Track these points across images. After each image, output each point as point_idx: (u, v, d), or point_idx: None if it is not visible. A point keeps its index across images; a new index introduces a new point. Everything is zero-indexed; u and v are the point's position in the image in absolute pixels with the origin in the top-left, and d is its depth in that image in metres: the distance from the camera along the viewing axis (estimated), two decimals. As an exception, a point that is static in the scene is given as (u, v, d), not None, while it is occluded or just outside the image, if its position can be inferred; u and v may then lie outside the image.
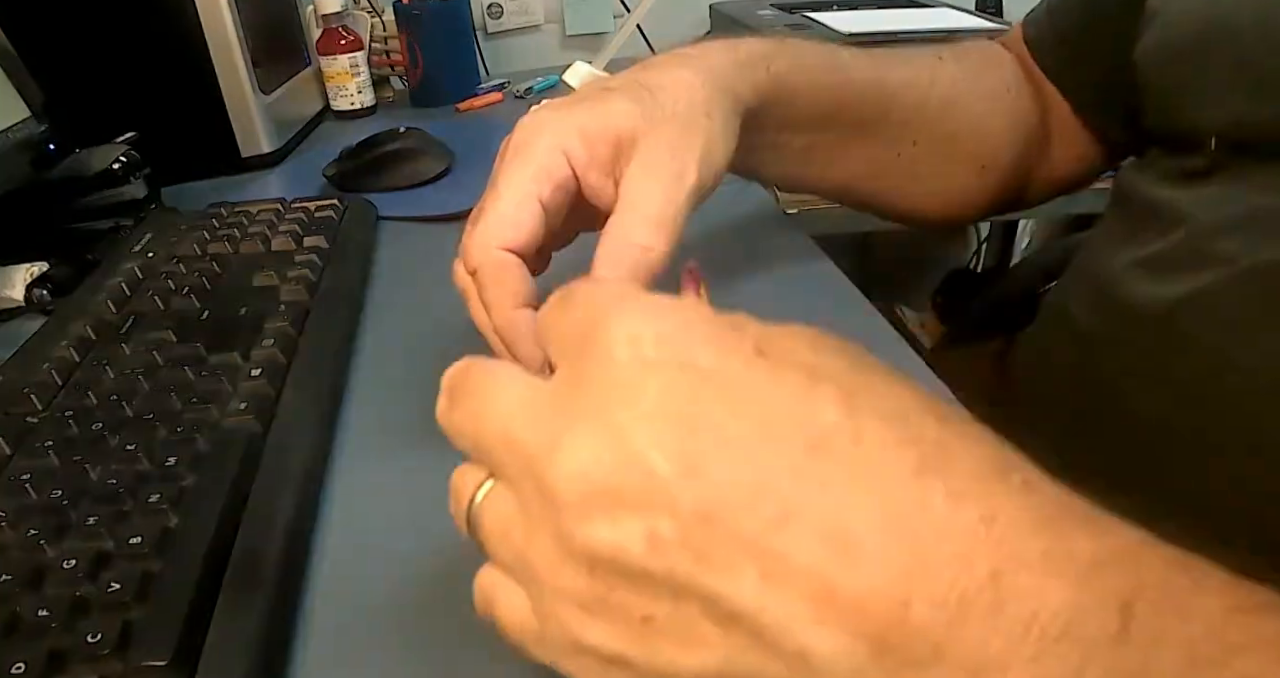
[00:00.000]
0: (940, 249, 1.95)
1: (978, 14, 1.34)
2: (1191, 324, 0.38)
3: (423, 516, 0.34)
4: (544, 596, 0.19)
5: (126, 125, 0.66)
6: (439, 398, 0.23)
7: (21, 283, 0.54)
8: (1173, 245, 0.40)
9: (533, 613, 0.20)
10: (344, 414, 0.41)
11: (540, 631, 0.20)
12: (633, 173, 0.33)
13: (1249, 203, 0.37)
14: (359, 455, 0.38)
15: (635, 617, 0.18)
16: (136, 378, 0.39)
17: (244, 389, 0.38)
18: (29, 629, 0.26)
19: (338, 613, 0.30)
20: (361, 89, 0.96)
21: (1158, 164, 0.44)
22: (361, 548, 0.33)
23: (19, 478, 0.33)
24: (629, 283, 0.31)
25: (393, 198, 0.68)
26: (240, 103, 0.76)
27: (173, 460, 0.33)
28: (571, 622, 0.19)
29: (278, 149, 0.80)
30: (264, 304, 0.46)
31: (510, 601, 0.21)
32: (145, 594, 0.27)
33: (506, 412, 0.20)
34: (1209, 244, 0.38)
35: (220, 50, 0.74)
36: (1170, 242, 0.40)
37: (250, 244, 0.54)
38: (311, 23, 0.98)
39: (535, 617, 0.20)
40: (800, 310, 0.49)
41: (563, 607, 0.19)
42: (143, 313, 0.46)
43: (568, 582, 0.19)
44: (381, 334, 0.48)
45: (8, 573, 0.28)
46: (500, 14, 1.40)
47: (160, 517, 0.30)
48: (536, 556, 0.19)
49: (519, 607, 0.21)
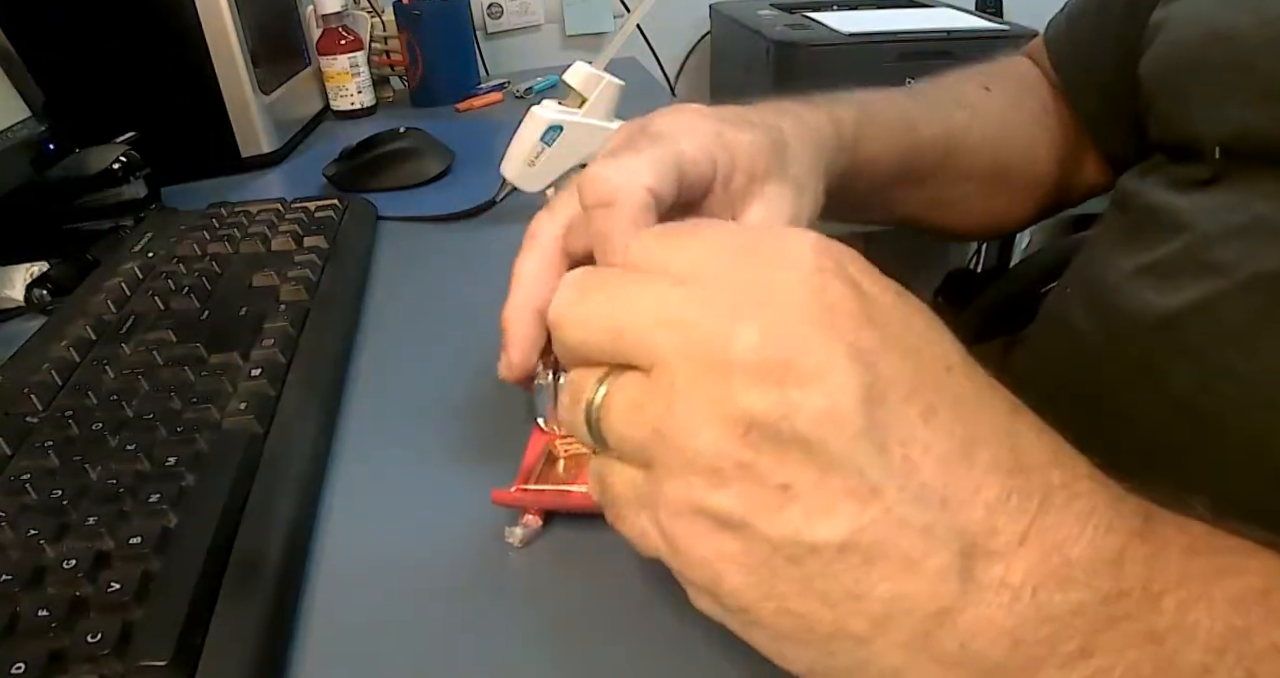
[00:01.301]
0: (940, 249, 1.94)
1: (978, 14, 1.34)
2: (1192, 333, 0.38)
3: (422, 515, 0.34)
4: (671, 464, 0.20)
5: (126, 125, 0.67)
6: (559, 293, 0.23)
7: (21, 283, 0.54)
8: (1174, 253, 0.39)
9: (646, 480, 0.21)
10: (344, 414, 0.41)
11: (652, 494, 0.21)
12: (757, 210, 0.33)
13: (1252, 211, 0.37)
14: (359, 456, 0.38)
15: (773, 483, 0.19)
16: (136, 378, 0.39)
17: (244, 389, 0.38)
18: (29, 629, 0.26)
19: (337, 613, 0.30)
20: (361, 89, 0.96)
21: (1160, 170, 0.44)
22: (361, 548, 0.33)
23: (19, 478, 0.33)
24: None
25: (393, 198, 0.68)
26: (240, 103, 0.76)
27: (173, 460, 0.33)
28: (697, 485, 0.20)
29: (278, 149, 0.80)
30: (264, 304, 0.46)
31: (624, 474, 0.22)
32: (145, 594, 0.27)
33: (659, 297, 0.21)
34: (1210, 253, 0.38)
35: (220, 50, 0.74)
36: (1171, 249, 0.40)
37: (250, 244, 0.54)
38: (311, 23, 0.98)
39: (649, 484, 0.21)
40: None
41: (691, 472, 0.20)
42: (143, 313, 0.46)
43: (708, 443, 0.20)
44: (381, 334, 0.48)
45: (8, 573, 0.28)
46: (500, 14, 1.40)
47: (160, 517, 0.30)
48: (675, 423, 0.20)
49: (632, 478, 0.22)
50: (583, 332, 0.22)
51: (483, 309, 0.48)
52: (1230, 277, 0.36)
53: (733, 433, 0.19)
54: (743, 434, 0.19)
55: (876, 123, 0.43)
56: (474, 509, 0.34)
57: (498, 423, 0.39)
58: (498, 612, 0.29)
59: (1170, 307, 0.39)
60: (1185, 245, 0.39)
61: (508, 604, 0.29)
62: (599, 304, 0.22)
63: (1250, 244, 0.36)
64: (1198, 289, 0.38)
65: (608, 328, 0.22)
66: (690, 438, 0.20)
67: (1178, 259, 0.39)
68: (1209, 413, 0.37)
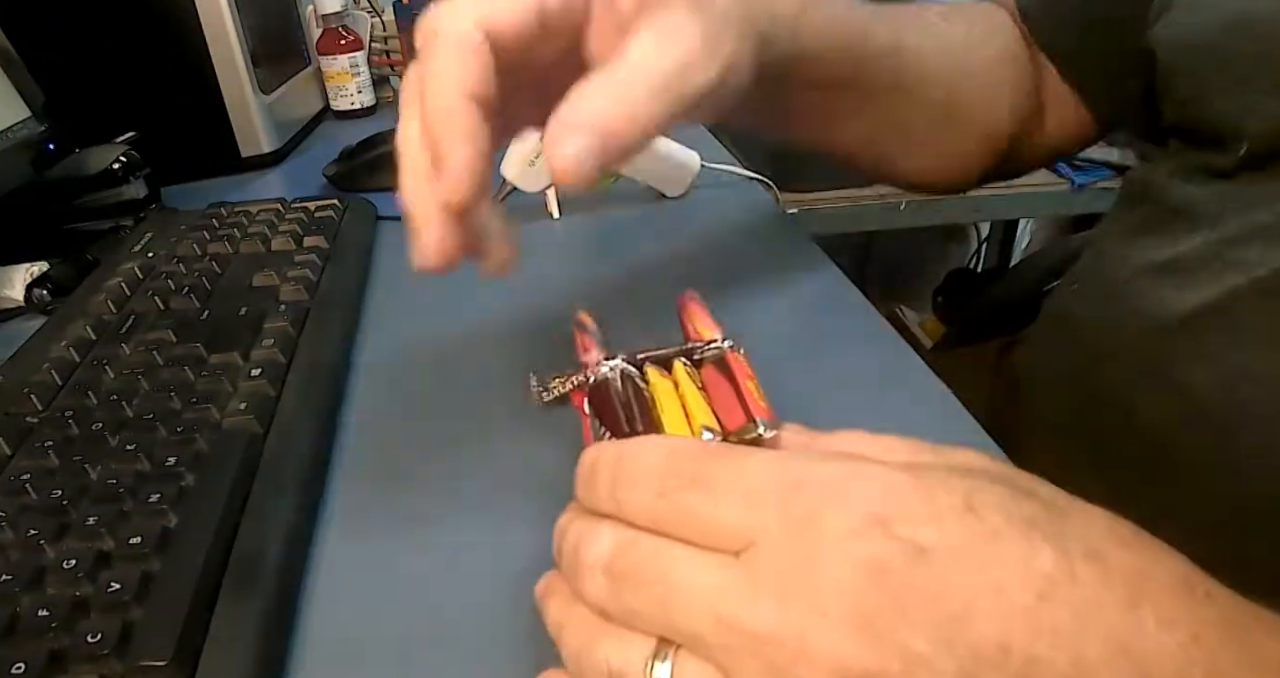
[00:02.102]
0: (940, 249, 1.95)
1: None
2: (1208, 333, 0.36)
3: (422, 514, 0.34)
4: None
5: (126, 125, 0.67)
6: (588, 579, 0.22)
7: (21, 283, 0.54)
8: (1194, 250, 0.38)
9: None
10: (344, 414, 0.41)
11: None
12: (645, 31, 0.28)
13: (1277, 210, 0.35)
14: (359, 455, 0.38)
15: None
16: (136, 378, 0.39)
17: (244, 389, 0.38)
18: (29, 629, 0.26)
19: (337, 613, 0.30)
20: (361, 89, 0.96)
21: (1179, 158, 0.42)
22: (361, 548, 0.33)
23: (19, 478, 0.33)
24: (832, 452, 0.25)
25: (393, 198, 0.67)
26: (240, 103, 0.76)
27: (173, 460, 0.33)
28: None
29: (278, 149, 0.80)
30: (264, 304, 0.46)
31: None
32: (145, 594, 0.27)
33: (709, 590, 0.20)
34: (1233, 251, 0.36)
35: (220, 50, 0.74)
36: (1191, 245, 0.38)
37: (250, 244, 0.54)
38: (311, 23, 0.98)
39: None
40: (801, 310, 0.49)
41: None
42: (143, 313, 0.46)
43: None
44: (381, 334, 0.48)
45: (8, 573, 0.28)
46: (500, 14, 1.40)
47: (160, 517, 0.30)
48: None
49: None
50: (629, 620, 0.21)
51: (483, 309, 0.49)
52: (1252, 276, 0.35)
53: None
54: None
55: (824, 13, 0.39)
56: (476, 507, 0.34)
57: (498, 422, 0.39)
58: (499, 610, 0.29)
59: (1187, 305, 0.37)
60: (1206, 243, 0.38)
61: (512, 602, 0.29)
62: (645, 599, 0.21)
63: (1274, 243, 0.35)
64: (1218, 288, 0.36)
65: (658, 621, 0.21)
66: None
67: (1198, 257, 0.38)
68: (1227, 417, 0.35)
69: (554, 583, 0.24)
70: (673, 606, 0.20)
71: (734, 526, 0.20)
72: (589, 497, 0.23)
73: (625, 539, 0.22)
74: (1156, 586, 0.19)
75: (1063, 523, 0.20)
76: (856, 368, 0.42)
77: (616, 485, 0.23)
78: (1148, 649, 0.18)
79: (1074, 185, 1.39)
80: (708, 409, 0.29)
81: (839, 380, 0.41)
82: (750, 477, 0.21)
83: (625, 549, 0.21)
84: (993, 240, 1.85)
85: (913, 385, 0.41)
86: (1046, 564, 0.19)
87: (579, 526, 0.23)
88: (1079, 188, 1.39)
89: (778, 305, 0.48)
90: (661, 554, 0.21)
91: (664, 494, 0.21)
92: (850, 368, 0.42)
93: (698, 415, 0.29)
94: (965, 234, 1.90)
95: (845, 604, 0.19)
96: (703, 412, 0.29)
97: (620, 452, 0.23)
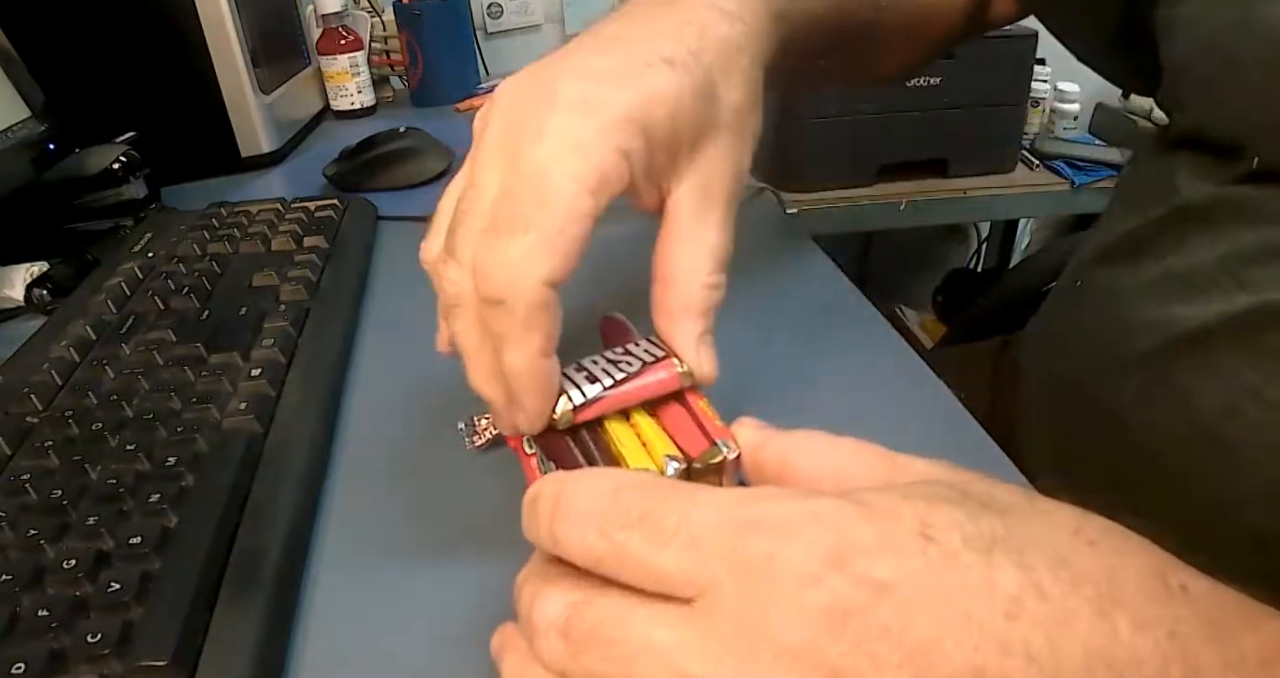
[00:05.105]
0: (940, 249, 1.95)
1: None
2: (1218, 352, 0.36)
3: (422, 514, 0.34)
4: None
5: (126, 125, 0.67)
6: (543, 642, 0.21)
7: (21, 283, 0.54)
8: (1207, 264, 0.37)
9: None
10: (344, 414, 0.41)
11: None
12: (692, 196, 0.29)
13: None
14: (359, 455, 0.38)
15: None
16: (136, 378, 0.39)
17: (244, 389, 0.38)
18: (29, 629, 0.26)
19: (337, 613, 0.30)
20: (361, 89, 0.96)
21: (1189, 165, 0.40)
22: (361, 548, 0.33)
23: (19, 478, 0.33)
24: (778, 493, 0.23)
25: (393, 198, 0.68)
26: (240, 103, 0.76)
27: (173, 460, 0.33)
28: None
29: (278, 149, 0.80)
30: (264, 304, 0.46)
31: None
32: (145, 594, 0.27)
33: (669, 649, 0.19)
34: (1245, 269, 0.36)
35: (220, 50, 0.74)
36: (1204, 259, 0.37)
37: (250, 244, 0.54)
38: (311, 23, 0.98)
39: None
40: (801, 310, 0.49)
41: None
42: (142, 313, 0.46)
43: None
44: (381, 334, 0.48)
45: (8, 573, 0.28)
46: (500, 14, 1.40)
47: (160, 517, 0.30)
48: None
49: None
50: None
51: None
52: (1265, 298, 0.35)
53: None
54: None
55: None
56: (476, 506, 0.34)
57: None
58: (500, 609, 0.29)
59: (1196, 323, 0.36)
60: (1218, 257, 0.37)
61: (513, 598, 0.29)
62: (603, 661, 0.20)
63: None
64: (1230, 306, 0.35)
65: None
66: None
67: (1209, 272, 0.37)
68: (1230, 436, 0.35)
69: (510, 639, 0.23)
70: (635, 667, 0.20)
71: (684, 571, 0.20)
72: (530, 532, 0.23)
73: (577, 600, 0.21)
74: (1128, 587, 0.19)
75: (1025, 532, 0.20)
76: (856, 368, 0.42)
77: (555, 522, 0.22)
78: (1123, 655, 0.18)
79: (1074, 185, 1.39)
80: (666, 437, 0.28)
81: (839, 380, 0.41)
82: (698, 519, 0.20)
83: (579, 611, 0.21)
84: (993, 240, 1.85)
85: (913, 385, 0.41)
86: (1010, 584, 0.19)
87: (532, 584, 0.22)
88: (1079, 188, 1.39)
89: (778, 305, 0.48)
90: (615, 613, 0.20)
91: (605, 534, 0.21)
92: (850, 368, 0.42)
93: (658, 445, 0.27)
94: (965, 234, 1.90)
95: (811, 656, 0.18)
96: (662, 441, 0.27)
97: (561, 486, 0.22)
